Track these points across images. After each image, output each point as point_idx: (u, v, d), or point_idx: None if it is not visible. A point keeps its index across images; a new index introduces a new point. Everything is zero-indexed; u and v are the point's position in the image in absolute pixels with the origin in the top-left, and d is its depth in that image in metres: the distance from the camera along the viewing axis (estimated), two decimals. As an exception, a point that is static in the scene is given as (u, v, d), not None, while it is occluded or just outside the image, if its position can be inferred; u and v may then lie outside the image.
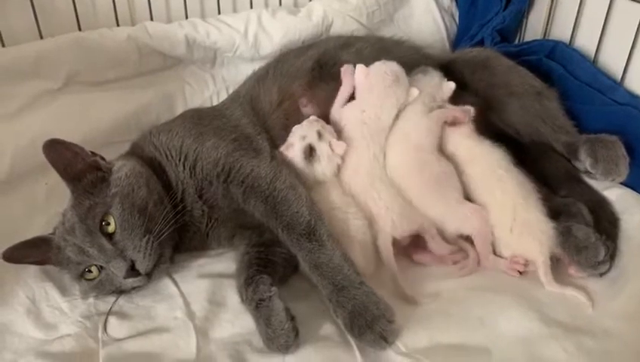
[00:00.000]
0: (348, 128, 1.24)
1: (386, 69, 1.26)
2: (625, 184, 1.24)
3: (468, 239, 1.16)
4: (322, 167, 1.18)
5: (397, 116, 1.27)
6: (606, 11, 1.41)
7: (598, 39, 1.44)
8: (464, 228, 1.14)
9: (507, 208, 1.13)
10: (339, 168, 1.21)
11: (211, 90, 1.60)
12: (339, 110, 1.27)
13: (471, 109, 1.28)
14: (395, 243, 1.11)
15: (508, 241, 1.12)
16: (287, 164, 1.17)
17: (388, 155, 1.23)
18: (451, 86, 1.31)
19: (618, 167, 1.20)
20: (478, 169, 1.21)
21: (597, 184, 1.26)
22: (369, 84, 1.26)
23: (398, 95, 1.25)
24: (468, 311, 1.00)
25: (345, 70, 1.30)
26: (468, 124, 1.27)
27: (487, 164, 1.20)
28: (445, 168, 1.20)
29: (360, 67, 1.27)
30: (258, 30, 1.57)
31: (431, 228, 1.13)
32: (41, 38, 1.43)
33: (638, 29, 1.33)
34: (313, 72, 1.34)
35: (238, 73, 1.58)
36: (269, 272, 1.04)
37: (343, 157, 1.20)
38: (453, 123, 1.27)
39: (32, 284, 1.10)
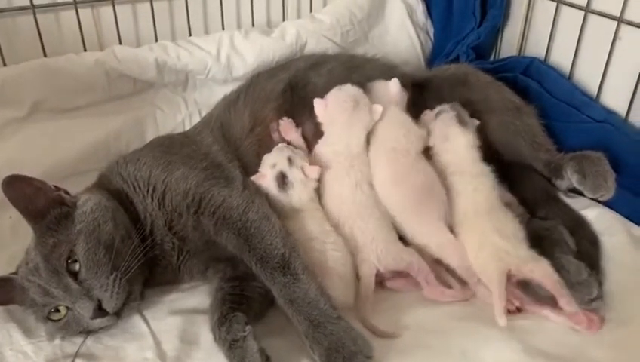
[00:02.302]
0: (326, 162, 1.21)
1: (343, 97, 1.23)
2: (602, 202, 1.24)
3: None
4: (297, 193, 1.15)
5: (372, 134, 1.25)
6: (580, 27, 1.42)
7: (572, 55, 1.45)
8: (444, 257, 1.12)
9: (476, 230, 1.12)
10: (318, 193, 1.18)
11: (184, 114, 1.56)
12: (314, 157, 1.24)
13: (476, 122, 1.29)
14: (377, 276, 1.09)
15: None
16: (260, 193, 1.14)
17: (373, 173, 1.20)
18: (395, 81, 1.30)
19: (607, 183, 1.20)
20: (460, 187, 1.20)
21: (574, 204, 1.26)
22: (330, 117, 1.23)
23: (361, 119, 1.22)
24: (449, 342, 0.98)
25: (284, 127, 1.27)
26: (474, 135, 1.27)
27: (470, 186, 1.19)
28: (427, 180, 1.18)
29: (317, 101, 1.24)
30: (230, 52, 1.54)
31: (424, 269, 1.09)
32: (5, 65, 1.39)
33: (612, 44, 1.34)
34: (285, 95, 1.32)
35: (211, 96, 1.55)
36: (243, 309, 1.00)
37: (319, 181, 1.17)
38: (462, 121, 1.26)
39: (-5, 326, 1.05)
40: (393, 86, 1.30)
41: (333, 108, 1.23)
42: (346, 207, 1.15)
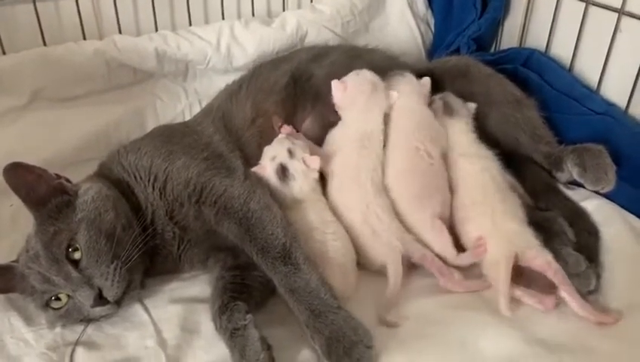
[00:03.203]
0: (338, 147, 1.21)
1: (361, 80, 1.24)
2: (601, 194, 1.24)
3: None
4: (299, 185, 1.14)
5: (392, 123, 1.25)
6: (581, 19, 1.41)
7: (573, 47, 1.45)
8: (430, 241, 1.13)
9: (486, 213, 1.12)
10: (321, 183, 1.18)
11: (184, 104, 1.56)
12: (327, 142, 1.25)
13: (473, 105, 1.30)
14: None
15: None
16: (262, 183, 1.13)
17: (386, 164, 1.21)
18: (427, 80, 1.32)
19: (607, 175, 1.19)
20: (469, 167, 1.21)
21: (574, 195, 1.26)
22: (349, 100, 1.23)
23: (379, 103, 1.23)
24: (448, 331, 0.98)
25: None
26: (470, 120, 1.28)
27: (478, 166, 1.20)
28: (436, 176, 1.19)
29: (335, 83, 1.24)
30: (231, 41, 1.54)
31: (437, 261, 1.09)
32: (4, 53, 1.39)
33: (612, 36, 1.34)
34: (287, 89, 1.31)
35: (211, 86, 1.55)
36: (244, 298, 1.00)
37: (320, 171, 1.17)
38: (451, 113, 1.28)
39: (-5, 314, 1.05)
40: (426, 83, 1.31)
41: (352, 91, 1.23)
42: (364, 189, 1.14)
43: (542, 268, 1.04)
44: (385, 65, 1.40)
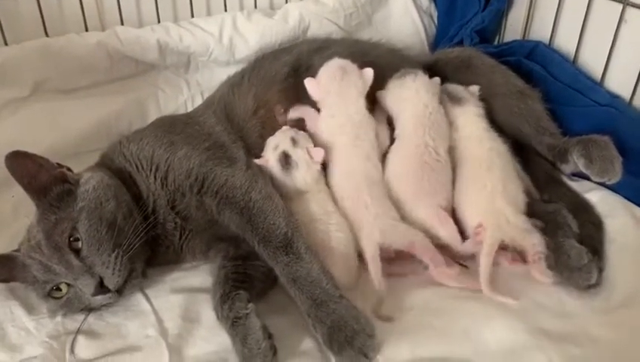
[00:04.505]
0: (329, 138, 1.21)
1: (330, 68, 1.25)
2: (605, 186, 1.23)
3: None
4: (302, 174, 1.14)
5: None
6: (585, 11, 1.40)
7: (577, 39, 1.43)
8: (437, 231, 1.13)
9: (485, 188, 1.13)
10: (324, 173, 1.18)
11: (186, 96, 1.56)
12: (315, 128, 1.24)
13: (475, 87, 1.32)
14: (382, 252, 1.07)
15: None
16: (264, 173, 1.13)
17: (388, 159, 1.21)
18: (437, 79, 1.32)
19: (614, 167, 1.17)
20: (477, 152, 1.21)
21: (577, 187, 1.25)
22: (324, 90, 1.23)
23: (355, 84, 1.23)
24: (451, 322, 0.98)
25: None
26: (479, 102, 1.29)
27: (487, 146, 1.21)
28: (442, 173, 1.19)
29: (308, 81, 1.25)
30: (233, 33, 1.53)
31: (429, 249, 1.08)
32: (6, 44, 1.39)
33: (617, 28, 1.33)
34: (289, 80, 1.31)
35: (213, 78, 1.55)
36: (246, 287, 1.00)
37: (322, 164, 1.17)
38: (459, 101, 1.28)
39: (-3, 303, 1.05)
40: (437, 82, 1.31)
41: (324, 81, 1.24)
42: (355, 180, 1.14)
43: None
44: (388, 59, 1.40)
